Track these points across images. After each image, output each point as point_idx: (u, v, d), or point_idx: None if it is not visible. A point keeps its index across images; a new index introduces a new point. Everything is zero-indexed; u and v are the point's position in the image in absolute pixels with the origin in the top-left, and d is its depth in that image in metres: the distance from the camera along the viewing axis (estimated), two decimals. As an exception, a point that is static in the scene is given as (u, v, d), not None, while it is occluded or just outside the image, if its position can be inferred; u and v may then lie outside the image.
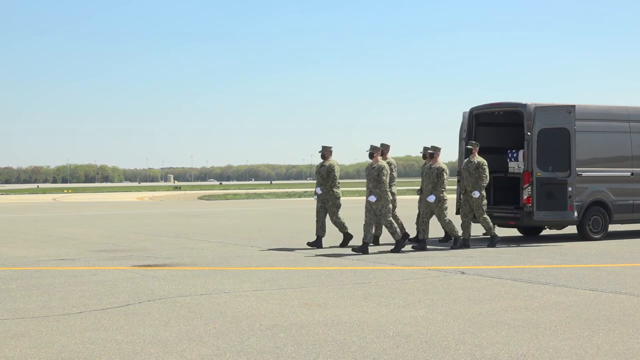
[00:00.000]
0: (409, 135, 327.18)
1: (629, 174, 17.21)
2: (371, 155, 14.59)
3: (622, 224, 17.77)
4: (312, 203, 15.07)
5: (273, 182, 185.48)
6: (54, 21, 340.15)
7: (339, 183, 15.35)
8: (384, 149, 15.66)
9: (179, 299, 9.05)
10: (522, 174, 16.10)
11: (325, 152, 15.55)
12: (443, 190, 15.00)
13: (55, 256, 14.19)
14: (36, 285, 10.34)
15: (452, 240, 15.26)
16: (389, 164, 15.56)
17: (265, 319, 7.77)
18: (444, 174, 14.97)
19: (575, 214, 16.04)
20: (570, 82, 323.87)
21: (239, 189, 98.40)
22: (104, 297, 9.24)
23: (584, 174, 16.46)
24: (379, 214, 14.32)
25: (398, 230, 14.48)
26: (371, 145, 14.66)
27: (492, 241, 15.32)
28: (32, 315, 8.13)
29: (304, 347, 6.57)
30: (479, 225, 18.78)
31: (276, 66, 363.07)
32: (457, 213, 17.77)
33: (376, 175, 14.27)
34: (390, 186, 15.29)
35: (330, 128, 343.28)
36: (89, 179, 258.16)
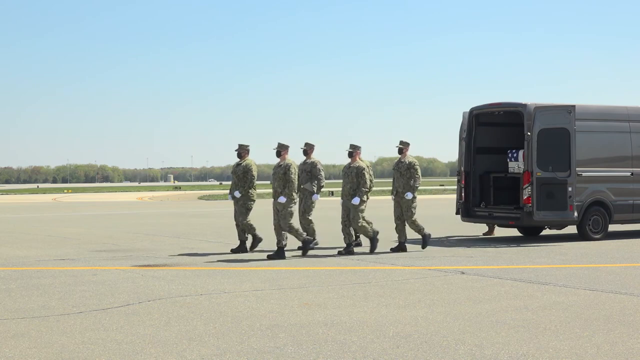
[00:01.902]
0: (409, 135, 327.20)
1: (629, 174, 17.22)
2: (278, 154, 13.85)
3: (622, 224, 17.77)
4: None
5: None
6: (54, 21, 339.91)
7: (255, 185, 14.66)
8: (308, 149, 14.98)
9: (179, 299, 9.05)
10: (522, 174, 16.11)
11: (242, 151, 14.77)
12: (366, 192, 14.01)
13: (55, 256, 14.19)
14: (36, 285, 10.34)
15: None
16: (314, 164, 14.85)
17: (265, 319, 7.77)
18: (365, 173, 14.00)
19: (575, 214, 16.05)
20: (570, 82, 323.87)
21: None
22: (104, 297, 9.24)
23: (584, 174, 16.46)
24: (280, 215, 13.62)
25: (300, 230, 13.80)
26: (279, 143, 13.88)
27: (424, 241, 14.57)
28: (32, 315, 8.14)
29: (304, 347, 6.57)
30: (478, 225, 18.83)
31: (276, 66, 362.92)
32: (457, 213, 17.82)
33: (282, 174, 13.60)
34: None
35: (330, 128, 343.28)
36: (89, 179, 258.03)
